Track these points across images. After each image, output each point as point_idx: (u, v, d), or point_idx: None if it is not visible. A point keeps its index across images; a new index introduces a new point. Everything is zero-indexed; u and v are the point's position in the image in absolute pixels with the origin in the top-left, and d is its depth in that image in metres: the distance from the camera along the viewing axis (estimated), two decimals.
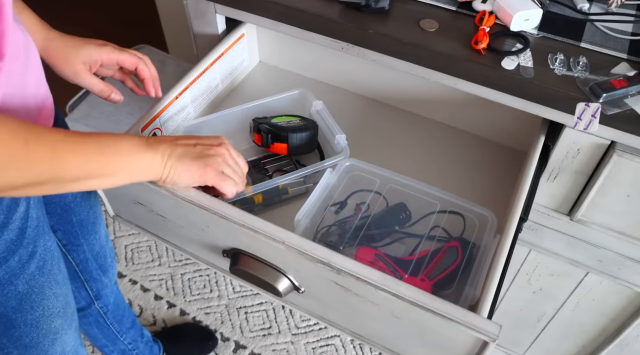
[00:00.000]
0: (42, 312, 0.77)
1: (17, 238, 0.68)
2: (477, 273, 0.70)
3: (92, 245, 1.00)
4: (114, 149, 0.59)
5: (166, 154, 0.63)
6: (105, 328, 1.17)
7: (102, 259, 1.04)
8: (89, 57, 0.78)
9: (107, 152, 0.58)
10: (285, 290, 0.71)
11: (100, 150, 0.57)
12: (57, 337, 0.83)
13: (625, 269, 0.93)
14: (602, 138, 0.75)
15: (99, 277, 1.06)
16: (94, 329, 1.16)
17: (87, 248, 0.99)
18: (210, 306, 1.65)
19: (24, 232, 0.69)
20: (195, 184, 0.66)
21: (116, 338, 1.22)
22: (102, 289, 1.09)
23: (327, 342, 1.58)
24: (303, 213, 0.76)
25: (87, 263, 1.01)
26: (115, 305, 1.16)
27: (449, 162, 0.94)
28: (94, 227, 0.98)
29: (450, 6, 0.84)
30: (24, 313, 0.75)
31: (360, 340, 0.75)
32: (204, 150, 0.66)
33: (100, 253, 1.03)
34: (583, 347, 1.18)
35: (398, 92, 1.01)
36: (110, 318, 1.16)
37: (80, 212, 0.92)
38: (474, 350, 0.61)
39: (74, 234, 0.94)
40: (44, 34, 0.76)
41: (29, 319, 0.76)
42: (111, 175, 0.59)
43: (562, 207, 0.89)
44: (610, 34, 0.79)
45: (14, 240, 0.68)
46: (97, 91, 0.81)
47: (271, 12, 0.87)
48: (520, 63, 0.75)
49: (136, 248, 1.79)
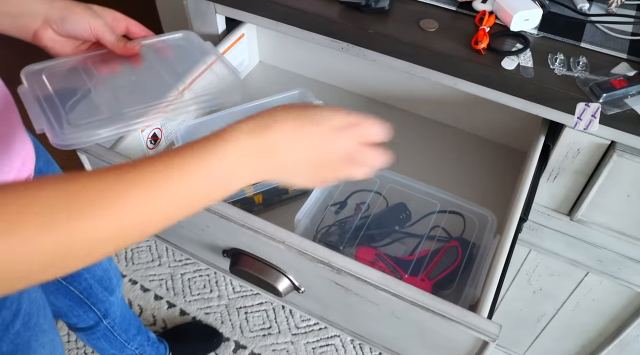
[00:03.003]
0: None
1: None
2: (477, 273, 0.70)
3: (94, 272, 0.98)
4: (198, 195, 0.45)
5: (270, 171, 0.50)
6: (112, 340, 1.17)
7: (107, 282, 1.03)
8: (112, 16, 0.72)
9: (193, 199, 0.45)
10: (285, 290, 0.71)
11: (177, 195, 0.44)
12: None
13: (625, 269, 0.93)
14: (602, 138, 0.75)
15: (106, 298, 1.05)
16: (102, 342, 1.16)
17: (89, 275, 0.97)
18: (210, 306, 1.65)
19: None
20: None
21: (124, 346, 1.22)
22: (110, 308, 1.08)
23: (327, 342, 1.58)
24: (303, 213, 0.76)
25: (91, 289, 0.99)
26: (122, 318, 1.16)
27: (448, 162, 0.94)
28: None
29: (450, 6, 0.84)
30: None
31: (360, 340, 0.75)
32: (322, 168, 0.51)
33: (105, 276, 1.02)
34: (583, 347, 1.18)
35: (398, 92, 1.01)
36: (118, 330, 1.16)
37: None
38: (474, 350, 0.61)
39: None
40: (59, 4, 0.67)
41: None
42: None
43: (562, 207, 0.89)
44: (610, 34, 0.79)
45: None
46: (113, 39, 0.71)
47: (271, 12, 0.87)
48: (520, 63, 0.75)
49: (136, 248, 1.79)
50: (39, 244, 0.37)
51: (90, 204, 0.39)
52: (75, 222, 0.38)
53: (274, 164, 0.49)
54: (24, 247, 0.36)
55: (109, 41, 0.70)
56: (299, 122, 0.49)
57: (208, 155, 0.45)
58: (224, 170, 0.46)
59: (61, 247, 0.38)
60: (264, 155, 0.48)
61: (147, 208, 0.42)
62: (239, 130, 0.48)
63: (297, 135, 0.49)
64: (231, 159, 0.46)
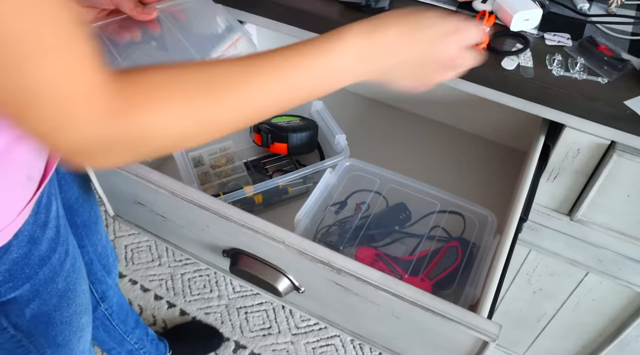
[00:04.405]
0: (75, 309, 0.78)
1: (55, 236, 0.69)
2: (477, 273, 0.70)
3: (95, 246, 1.00)
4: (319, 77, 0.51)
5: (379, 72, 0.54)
6: (111, 330, 1.18)
7: (105, 259, 1.05)
8: None
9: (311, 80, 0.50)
10: (285, 290, 0.71)
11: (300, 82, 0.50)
12: (83, 334, 0.83)
13: (625, 269, 0.93)
14: (602, 138, 0.75)
15: (104, 278, 1.06)
16: (101, 332, 1.17)
17: (91, 249, 0.99)
18: (210, 306, 1.65)
19: (59, 230, 0.70)
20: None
21: (123, 339, 1.22)
22: (107, 291, 1.09)
23: (327, 342, 1.58)
24: (303, 213, 0.76)
25: (92, 264, 1.01)
26: (119, 306, 1.16)
27: (448, 162, 0.94)
28: (96, 228, 0.98)
29: (450, 6, 0.84)
30: (62, 310, 0.75)
31: (360, 340, 0.75)
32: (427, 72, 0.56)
33: (103, 253, 1.04)
34: (583, 347, 1.18)
35: (398, 92, 1.01)
36: (116, 319, 1.17)
37: (83, 213, 0.92)
38: (474, 350, 0.61)
39: (79, 236, 0.94)
40: None
41: (65, 317, 0.76)
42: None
43: (562, 207, 0.89)
44: (610, 34, 0.79)
45: (54, 238, 0.69)
46: (132, 5, 0.75)
47: (271, 12, 0.87)
48: (520, 63, 0.74)
49: (136, 248, 1.79)
50: (184, 119, 0.44)
51: (229, 85, 0.46)
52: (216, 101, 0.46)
53: (385, 64, 0.53)
54: (172, 121, 0.44)
55: (128, 7, 0.73)
56: (409, 26, 0.53)
57: (324, 50, 0.50)
58: (338, 66, 0.51)
59: (203, 122, 0.46)
60: (376, 55, 0.52)
61: (270, 93, 0.49)
62: (354, 30, 0.51)
63: (408, 38, 0.53)
64: (346, 56, 0.50)
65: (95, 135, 0.41)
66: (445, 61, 0.56)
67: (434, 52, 0.55)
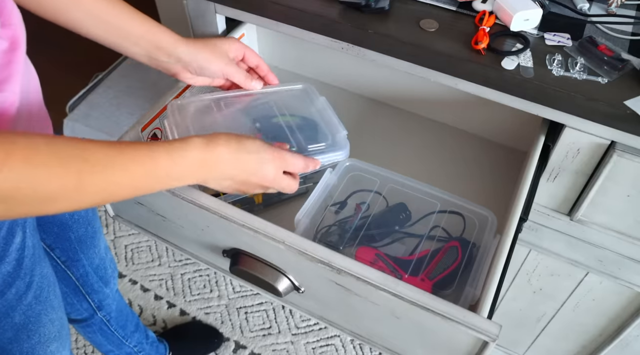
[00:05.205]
0: (38, 340, 0.76)
1: (14, 270, 0.67)
2: (477, 273, 0.70)
3: (92, 259, 0.99)
4: (167, 176, 0.57)
5: (215, 181, 0.63)
6: (109, 335, 1.17)
7: (103, 271, 1.04)
8: (235, 51, 0.81)
9: (160, 179, 0.56)
10: (285, 290, 0.71)
11: (153, 176, 0.56)
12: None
13: (625, 269, 0.93)
14: (602, 138, 0.75)
15: (101, 289, 1.06)
16: (98, 336, 1.16)
17: (87, 262, 0.98)
18: (210, 306, 1.65)
19: (21, 263, 0.68)
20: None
21: (121, 343, 1.22)
22: (104, 300, 1.08)
23: (327, 342, 1.58)
24: (303, 213, 0.76)
25: (87, 277, 1.00)
26: (118, 312, 1.16)
27: (448, 162, 0.94)
28: (93, 242, 0.97)
29: (450, 6, 0.84)
30: (20, 343, 0.74)
31: (360, 340, 0.75)
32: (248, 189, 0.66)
33: (100, 266, 1.03)
34: (583, 347, 1.18)
35: (398, 92, 1.01)
36: (114, 325, 1.16)
37: (78, 228, 0.92)
38: (474, 350, 0.61)
39: (73, 250, 0.93)
40: (182, 44, 0.76)
41: (25, 348, 0.75)
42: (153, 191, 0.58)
43: (562, 207, 0.89)
44: (610, 34, 0.79)
45: (11, 272, 0.67)
46: (242, 79, 0.82)
47: (271, 12, 0.87)
48: (520, 63, 0.75)
49: (136, 248, 1.79)
50: (55, 179, 0.47)
51: (98, 163, 0.50)
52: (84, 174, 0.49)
53: (215, 175, 0.62)
54: (43, 180, 0.46)
55: (238, 80, 0.82)
56: (237, 148, 0.62)
57: (173, 157, 0.57)
58: (176, 174, 0.58)
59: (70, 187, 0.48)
60: (211, 166, 0.61)
61: (123, 180, 0.53)
62: (195, 142, 0.59)
63: (234, 159, 0.62)
64: (183, 167, 0.58)
65: None
66: (262, 183, 0.65)
67: (254, 174, 0.64)
